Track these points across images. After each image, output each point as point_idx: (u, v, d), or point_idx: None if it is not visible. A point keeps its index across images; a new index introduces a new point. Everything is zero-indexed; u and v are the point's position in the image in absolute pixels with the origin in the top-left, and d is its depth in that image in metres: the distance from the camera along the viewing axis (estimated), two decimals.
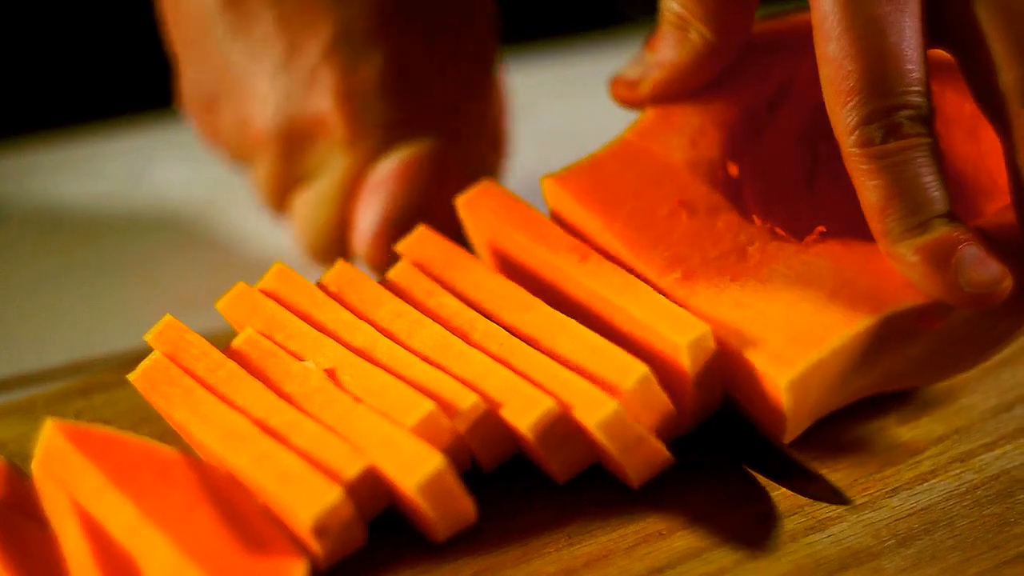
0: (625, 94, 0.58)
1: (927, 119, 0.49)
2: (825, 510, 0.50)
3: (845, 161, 0.50)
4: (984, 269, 0.49)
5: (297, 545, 0.47)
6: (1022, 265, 0.50)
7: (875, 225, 0.50)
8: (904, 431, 0.54)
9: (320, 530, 0.46)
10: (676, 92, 0.57)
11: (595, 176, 0.55)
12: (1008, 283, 0.49)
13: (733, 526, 0.50)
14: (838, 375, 0.50)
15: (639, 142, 0.56)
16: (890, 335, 0.50)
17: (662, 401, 0.50)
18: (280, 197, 0.67)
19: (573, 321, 0.51)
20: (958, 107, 0.55)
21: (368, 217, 0.61)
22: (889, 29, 0.49)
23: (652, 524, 0.50)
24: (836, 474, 0.52)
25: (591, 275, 0.52)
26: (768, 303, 0.50)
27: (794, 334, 0.49)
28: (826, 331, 0.49)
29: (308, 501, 0.46)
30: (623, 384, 0.49)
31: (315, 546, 0.47)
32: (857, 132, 0.49)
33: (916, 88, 0.49)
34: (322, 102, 0.63)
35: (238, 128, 0.67)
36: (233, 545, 0.46)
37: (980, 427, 0.54)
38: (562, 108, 0.60)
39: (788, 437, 0.51)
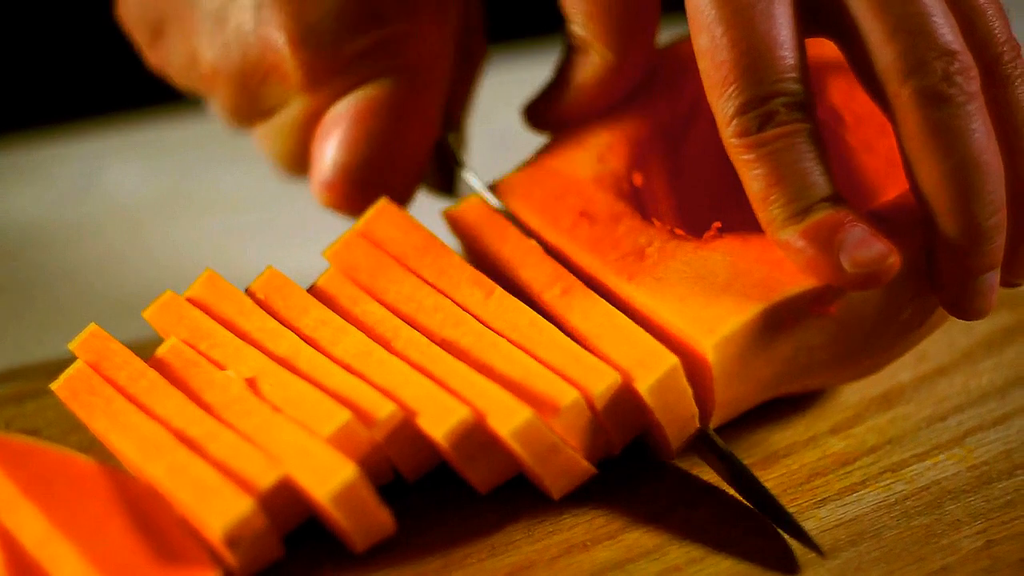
0: (536, 121, 0.58)
1: (804, 105, 0.49)
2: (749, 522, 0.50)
3: (728, 152, 0.49)
4: (867, 248, 0.48)
5: (213, 556, 0.46)
6: (917, 248, 0.50)
7: (760, 214, 0.49)
8: (836, 441, 0.54)
9: (232, 541, 0.46)
10: (583, 113, 0.57)
11: (503, 198, 0.56)
12: (895, 260, 0.48)
13: (656, 538, 0.49)
14: (734, 366, 0.49)
15: (546, 162, 0.56)
16: (785, 322, 0.50)
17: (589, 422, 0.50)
18: (242, 124, 0.63)
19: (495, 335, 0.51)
20: (867, 104, 0.55)
21: (324, 164, 0.58)
22: (758, 18, 0.49)
23: (576, 535, 0.50)
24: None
25: (495, 315, 0.52)
26: (661, 299, 0.50)
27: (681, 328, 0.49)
28: (714, 322, 0.49)
29: (220, 512, 0.46)
30: (561, 401, 0.48)
31: (229, 557, 0.46)
32: (734, 122, 0.49)
33: (791, 75, 0.49)
34: (273, 37, 0.58)
35: (188, 62, 0.62)
36: (145, 557, 0.45)
37: (913, 437, 0.54)
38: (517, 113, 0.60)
39: (676, 440, 0.50)
